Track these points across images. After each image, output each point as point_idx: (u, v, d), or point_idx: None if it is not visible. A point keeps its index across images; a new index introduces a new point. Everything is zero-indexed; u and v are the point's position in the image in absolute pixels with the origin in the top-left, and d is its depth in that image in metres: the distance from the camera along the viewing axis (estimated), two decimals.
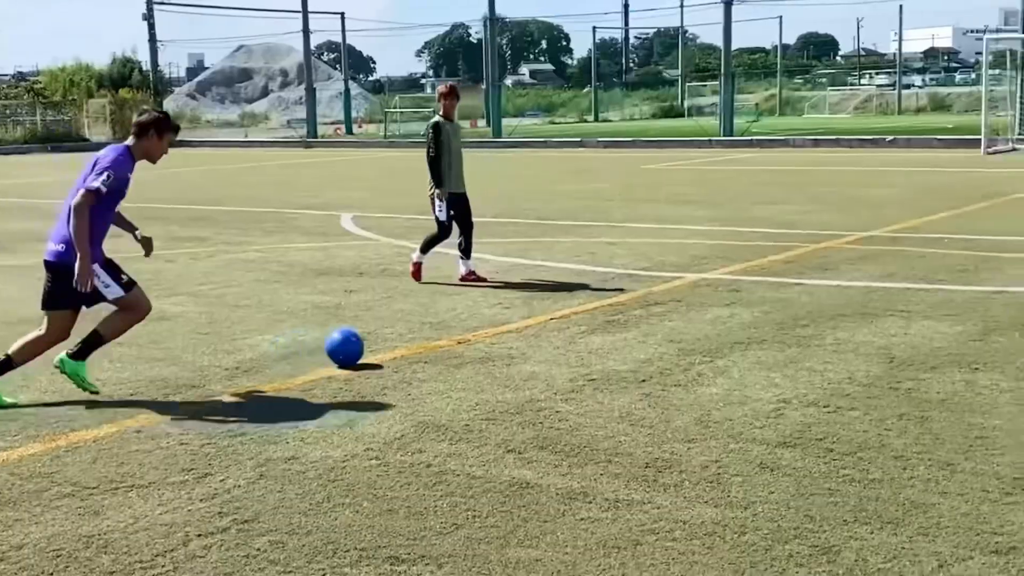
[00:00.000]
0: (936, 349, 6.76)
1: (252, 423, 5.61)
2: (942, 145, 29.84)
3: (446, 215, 9.98)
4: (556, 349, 7.16)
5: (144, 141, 6.35)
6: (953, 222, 13.26)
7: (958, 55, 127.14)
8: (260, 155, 38.61)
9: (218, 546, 4.06)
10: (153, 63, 52.54)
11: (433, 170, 9.96)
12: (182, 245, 13.08)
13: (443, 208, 9.96)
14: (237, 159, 35.59)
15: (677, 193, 18.60)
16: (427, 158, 10.04)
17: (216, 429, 5.52)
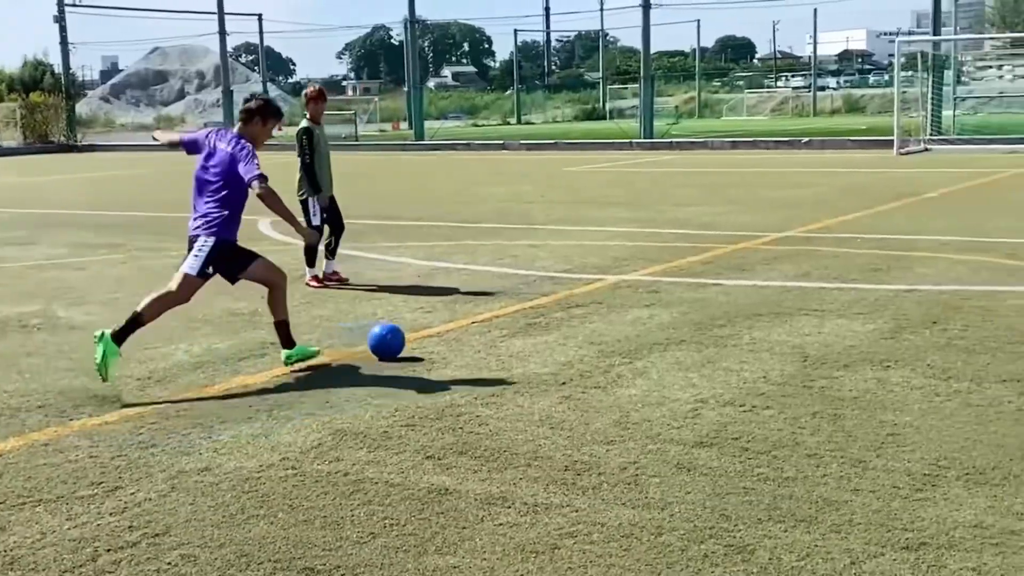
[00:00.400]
0: (849, 347, 6.87)
1: (164, 434, 5.50)
2: (856, 146, 30.43)
3: (320, 219, 10.07)
4: (477, 353, 7.14)
5: (250, 127, 6.94)
6: (866, 222, 13.51)
7: (872, 57, 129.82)
8: (176, 159, 37.95)
9: (128, 561, 3.96)
10: (65, 66, 51.36)
11: (309, 176, 10.03)
12: (95, 252, 12.81)
13: (317, 213, 10.05)
14: (152, 163, 34.98)
15: (598, 195, 18.70)
16: (302, 164, 10.07)
17: (127, 441, 5.40)
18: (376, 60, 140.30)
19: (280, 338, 6.92)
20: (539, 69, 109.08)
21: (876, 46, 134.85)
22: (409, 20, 41.98)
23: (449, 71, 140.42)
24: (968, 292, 8.55)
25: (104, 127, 68.28)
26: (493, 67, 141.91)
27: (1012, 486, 4.40)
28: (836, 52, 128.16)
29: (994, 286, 8.78)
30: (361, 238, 13.24)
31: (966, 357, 6.52)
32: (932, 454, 4.81)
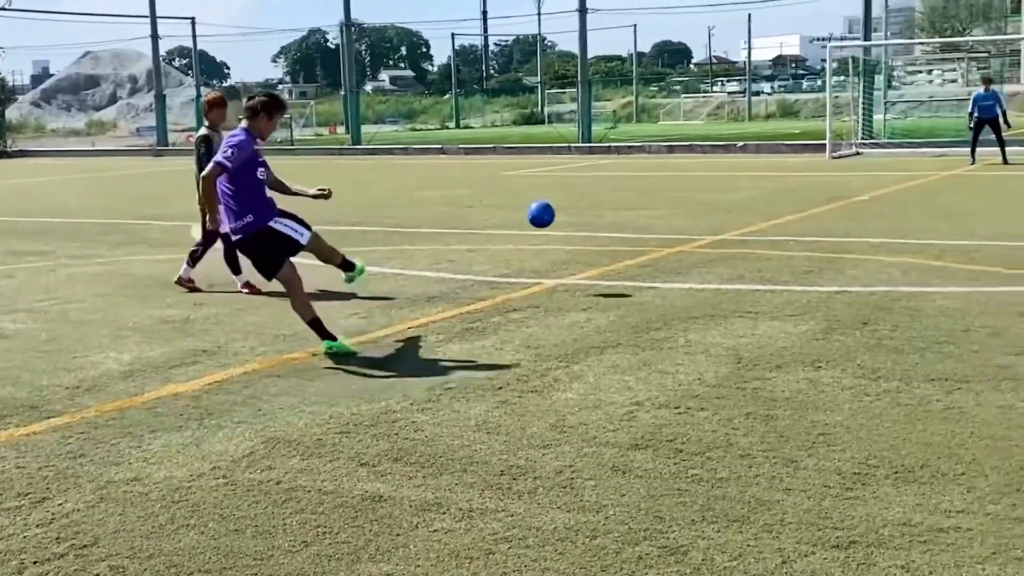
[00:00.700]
0: (781, 349, 6.94)
1: (93, 444, 5.40)
2: (790, 150, 30.82)
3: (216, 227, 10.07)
4: (413, 358, 7.10)
5: (256, 122, 7.32)
6: (799, 225, 13.68)
7: (805, 62, 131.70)
8: (108, 164, 37.45)
9: (55, 573, 3.88)
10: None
11: None
12: (22, 260, 12.57)
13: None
14: (83, 169, 34.43)
15: (534, 198, 18.68)
16: (199, 171, 9.92)
17: (54, 451, 5.29)
18: (312, 64, 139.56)
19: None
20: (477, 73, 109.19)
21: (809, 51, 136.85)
22: (345, 23, 41.77)
23: (387, 75, 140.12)
24: (898, 293, 8.69)
25: (35, 132, 67.07)
26: (431, 71, 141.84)
27: (940, 484, 4.47)
28: (770, 57, 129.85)
29: (922, 287, 8.93)
30: None
31: (895, 357, 6.61)
32: (862, 453, 4.87)
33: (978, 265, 9.92)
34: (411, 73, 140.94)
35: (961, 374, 6.16)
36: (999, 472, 4.57)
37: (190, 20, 56.65)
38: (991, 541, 3.89)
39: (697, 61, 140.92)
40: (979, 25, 79.89)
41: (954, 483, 4.47)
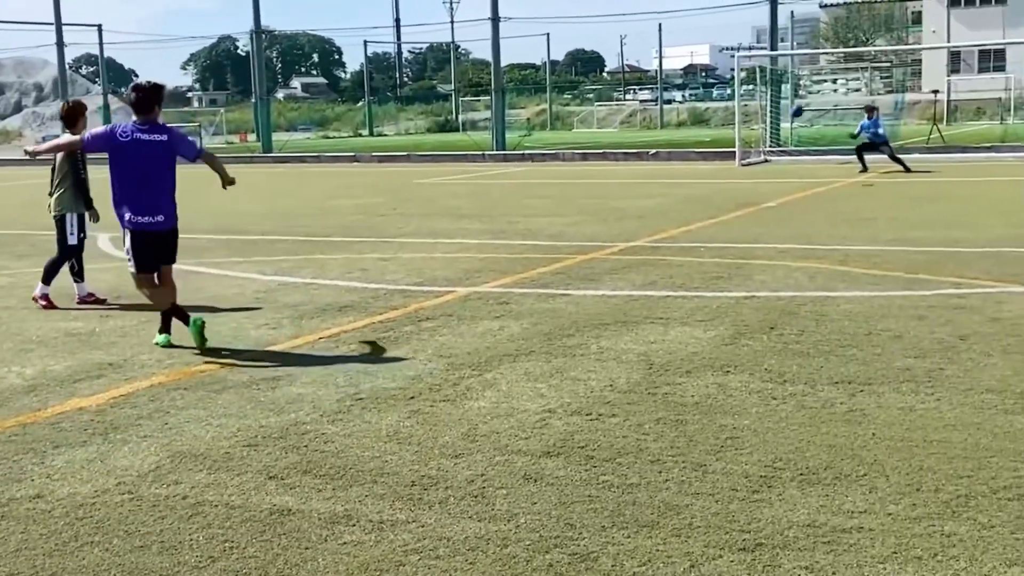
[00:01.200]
0: (691, 354, 7.03)
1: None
2: (700, 158, 31.25)
3: (76, 238, 9.80)
4: (324, 369, 7.04)
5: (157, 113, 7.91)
6: (709, 231, 13.87)
7: (715, 71, 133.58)
8: (13, 174, 36.48)
9: None
10: None
11: (84, 192, 9.77)
12: None
13: (75, 232, 9.80)
14: None
15: (450, 207, 18.73)
16: (75, 180, 9.75)
17: None
18: (222, 71, 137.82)
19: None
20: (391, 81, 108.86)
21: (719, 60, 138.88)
22: (255, 31, 41.33)
23: (298, 82, 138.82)
24: (803, 298, 8.86)
25: None
26: (344, 78, 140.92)
27: (843, 485, 4.56)
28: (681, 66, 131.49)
29: (827, 292, 9.12)
30: (205, 253, 12.96)
31: (801, 361, 6.74)
32: (768, 456, 4.96)
33: (880, 270, 10.16)
34: (323, 80, 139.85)
35: (864, 377, 6.30)
36: (900, 473, 4.69)
37: (96, 27, 55.54)
38: (892, 541, 3.98)
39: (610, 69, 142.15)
40: (882, 35, 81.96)
41: (856, 484, 4.57)
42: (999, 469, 4.69)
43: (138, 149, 7.69)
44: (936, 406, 5.68)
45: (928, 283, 9.37)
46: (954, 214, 15.03)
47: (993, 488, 4.47)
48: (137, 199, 7.72)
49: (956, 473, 4.65)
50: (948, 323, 7.71)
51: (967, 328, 7.53)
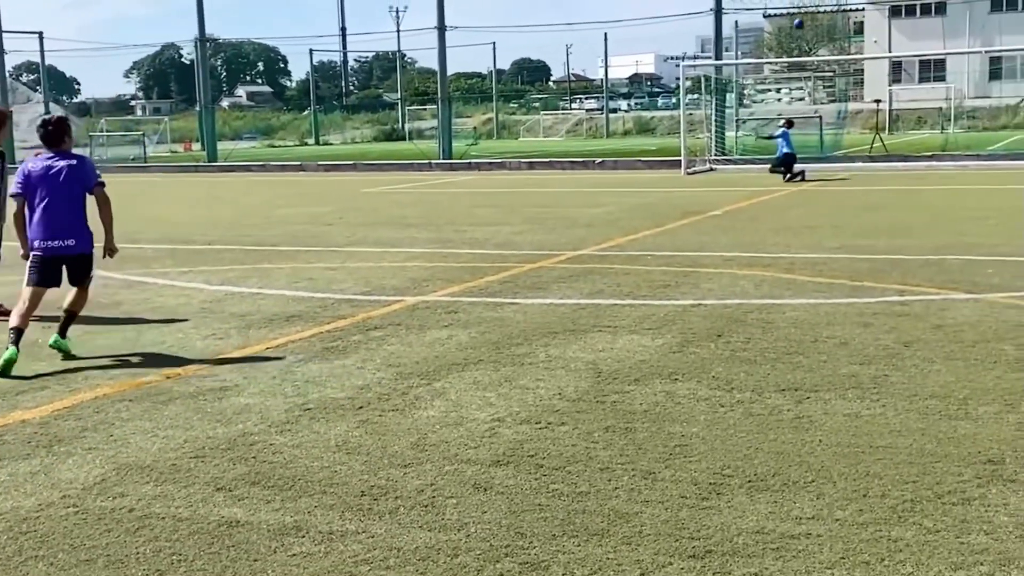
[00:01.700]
0: (640, 362, 7.07)
1: None
2: (646, 166, 31.46)
3: None
4: (272, 379, 6.98)
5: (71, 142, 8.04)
6: (656, 239, 13.97)
7: (660, 80, 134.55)
8: None
9: None
10: None
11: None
12: None
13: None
14: None
15: (397, 216, 18.68)
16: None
17: None
18: (166, 79, 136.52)
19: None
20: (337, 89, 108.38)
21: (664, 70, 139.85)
22: (200, 39, 40.97)
23: (243, 90, 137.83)
24: (750, 305, 8.94)
25: None
26: (289, 87, 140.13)
27: (791, 492, 4.61)
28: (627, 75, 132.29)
29: (773, 299, 9.21)
30: (151, 263, 12.82)
31: (748, 368, 6.80)
32: (717, 463, 4.99)
33: (825, 278, 10.29)
34: (269, 89, 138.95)
35: (810, 384, 6.37)
36: (847, 479, 4.74)
37: (37, 35, 54.75)
38: (839, 547, 4.02)
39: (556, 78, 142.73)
40: (824, 45, 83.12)
41: (804, 491, 4.62)
42: (944, 474, 4.76)
43: (51, 177, 7.78)
44: (882, 412, 5.76)
45: (872, 290, 9.50)
46: (897, 222, 15.26)
47: (938, 493, 4.54)
48: (49, 224, 7.79)
49: (902, 479, 4.72)
50: (892, 330, 7.82)
51: (911, 335, 7.64)
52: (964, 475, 4.75)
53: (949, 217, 15.80)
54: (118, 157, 45.73)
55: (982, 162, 27.92)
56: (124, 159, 45.16)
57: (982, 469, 4.82)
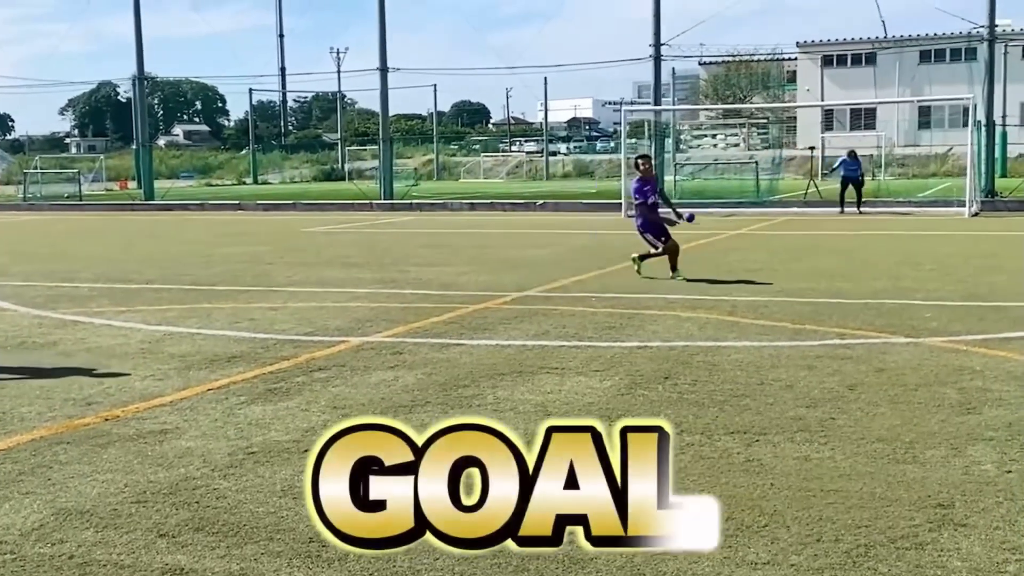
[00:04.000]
0: (588, 404, 7.04)
1: None
2: (587, 208, 31.62)
3: None
4: (214, 422, 6.84)
5: None
6: (600, 281, 14.00)
7: (598, 124, 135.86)
8: None
9: None
10: None
11: None
12: None
13: None
14: None
15: (339, 255, 18.55)
16: None
17: None
18: (102, 117, 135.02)
19: None
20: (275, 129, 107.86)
21: (601, 114, 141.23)
22: (138, 76, 40.61)
23: (180, 129, 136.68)
24: (696, 347, 8.97)
25: None
26: (227, 125, 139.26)
27: (745, 536, 4.58)
28: (565, 119, 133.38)
29: (717, 341, 9.25)
30: (86, 303, 12.57)
31: (696, 411, 6.80)
32: None
33: (767, 320, 10.37)
34: (206, 128, 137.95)
35: (759, 426, 6.38)
36: (800, 523, 4.74)
37: None
38: None
39: (495, 121, 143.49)
40: (759, 93, 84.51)
41: (758, 535, 4.60)
42: (895, 519, 4.78)
43: None
44: (831, 455, 5.78)
45: (814, 333, 9.58)
46: (834, 266, 15.47)
47: (891, 538, 4.55)
48: None
49: (855, 523, 4.72)
50: (836, 373, 7.88)
51: (854, 378, 7.70)
52: (915, 519, 4.76)
53: (886, 262, 16.05)
54: (53, 195, 44.99)
55: (914, 208, 28.45)
56: (59, 196, 44.45)
57: (933, 513, 4.85)
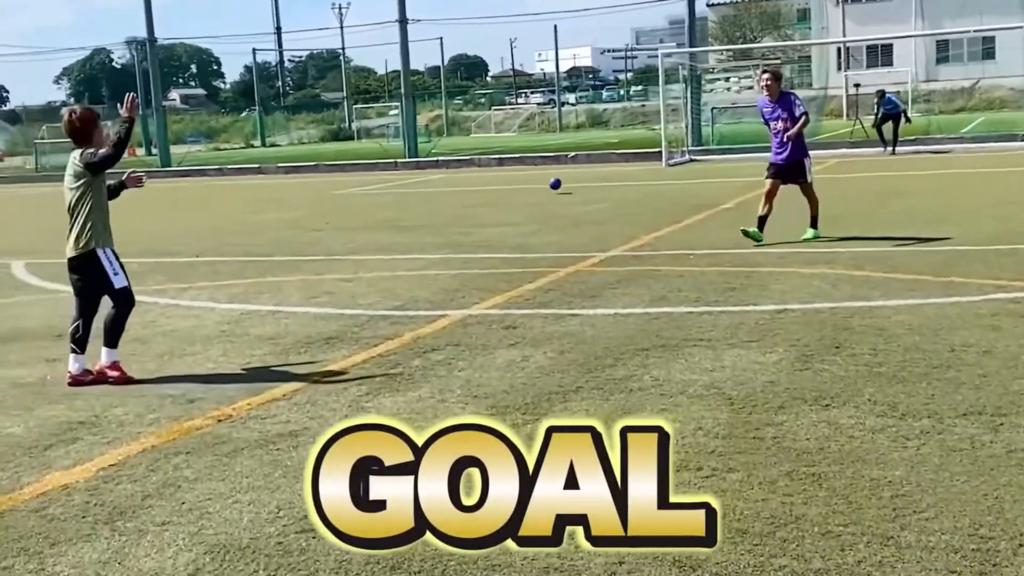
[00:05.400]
0: (768, 384, 6.15)
1: None
2: (621, 159, 30.57)
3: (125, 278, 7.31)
4: (343, 419, 5.94)
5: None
6: (682, 237, 13.10)
7: (599, 73, 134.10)
8: None
9: None
10: None
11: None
12: None
13: (119, 270, 7.28)
14: None
15: (387, 219, 17.61)
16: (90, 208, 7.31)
17: None
18: (97, 84, 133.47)
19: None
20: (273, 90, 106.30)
21: (601, 62, 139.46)
22: (149, 39, 39.44)
23: (177, 93, 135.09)
24: (845, 309, 8.08)
25: None
26: (224, 89, 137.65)
27: None
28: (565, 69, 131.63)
29: (865, 301, 8.35)
30: (142, 280, 11.61)
31: (901, 388, 5.91)
32: (963, 520, 4.08)
33: (902, 273, 9.46)
34: (202, 91, 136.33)
35: (991, 405, 5.49)
36: None
37: None
38: None
39: (494, 74, 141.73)
40: (769, 33, 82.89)
41: None
42: None
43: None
44: None
45: (967, 287, 8.67)
46: (929, 210, 14.52)
47: None
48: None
49: None
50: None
51: None
52: None
53: (976, 203, 15.09)
54: (63, 165, 43.88)
55: (968, 145, 27.40)
56: None
57: None
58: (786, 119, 11.72)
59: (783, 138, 11.77)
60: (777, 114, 11.82)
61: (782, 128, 11.74)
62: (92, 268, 7.19)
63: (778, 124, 11.80)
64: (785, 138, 11.74)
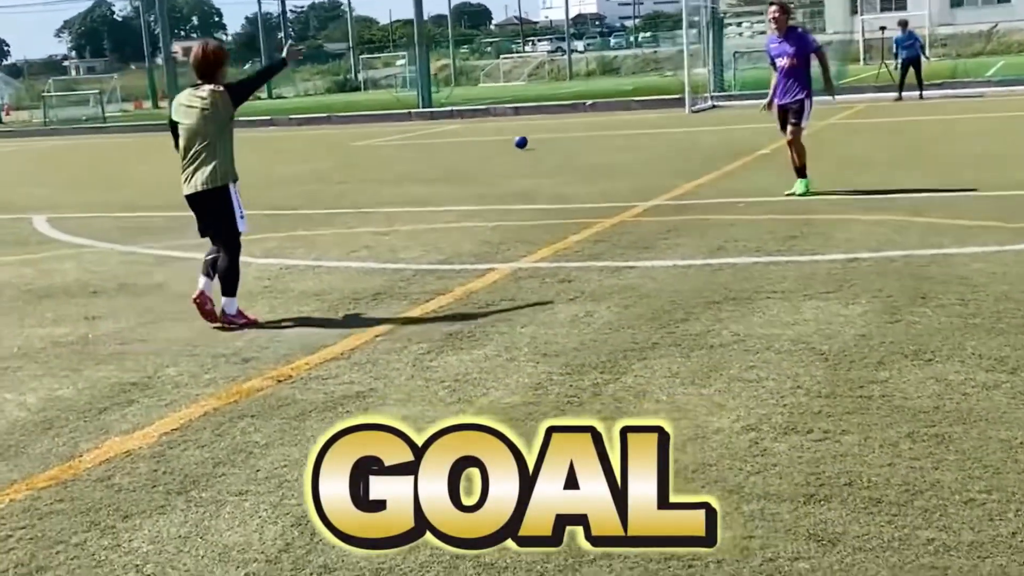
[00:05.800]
0: (859, 338, 5.83)
1: (47, 547, 3.81)
2: (642, 107, 29.99)
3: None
4: (410, 379, 5.67)
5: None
6: (727, 184, 12.73)
7: (605, 20, 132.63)
8: None
9: None
10: None
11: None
12: None
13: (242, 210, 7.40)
14: None
15: (411, 171, 17.21)
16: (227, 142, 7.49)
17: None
18: (99, 37, 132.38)
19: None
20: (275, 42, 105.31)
21: (605, 9, 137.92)
22: None
23: (179, 46, 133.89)
24: (918, 258, 7.73)
25: None
26: (226, 40, 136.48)
27: None
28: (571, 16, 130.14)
29: (939, 249, 8.01)
30: (169, 235, 11.28)
31: (1004, 340, 5.59)
32: None
33: (968, 219, 9.09)
34: None
35: None
36: None
37: None
38: None
39: (497, 22, 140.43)
40: None
41: None
42: None
43: None
44: None
45: None
46: (978, 153, 14.09)
47: None
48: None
49: None
50: None
51: None
52: None
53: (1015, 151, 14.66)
54: (71, 118, 43.55)
55: (996, 88, 26.83)
56: (77, 120, 43.01)
57: None
58: (791, 55, 10.93)
59: (786, 84, 11.08)
60: (783, 49, 11.01)
61: (787, 65, 10.97)
62: (222, 203, 7.03)
63: (783, 61, 10.98)
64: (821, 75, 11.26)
